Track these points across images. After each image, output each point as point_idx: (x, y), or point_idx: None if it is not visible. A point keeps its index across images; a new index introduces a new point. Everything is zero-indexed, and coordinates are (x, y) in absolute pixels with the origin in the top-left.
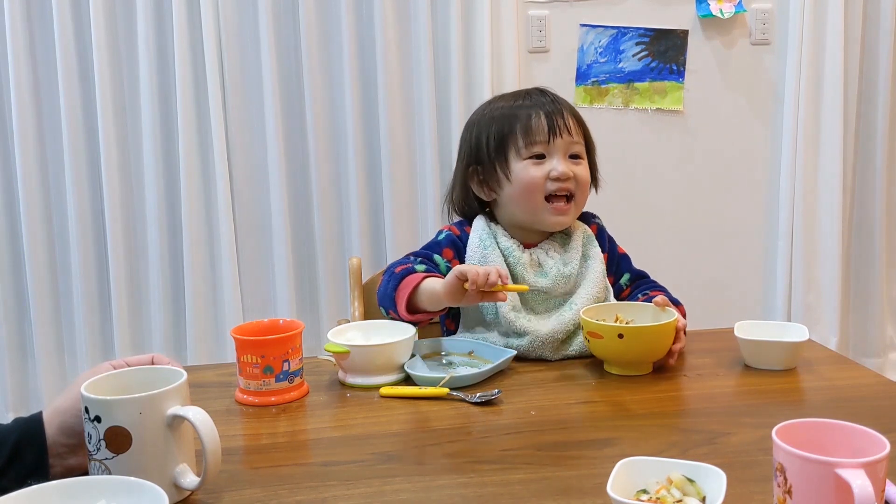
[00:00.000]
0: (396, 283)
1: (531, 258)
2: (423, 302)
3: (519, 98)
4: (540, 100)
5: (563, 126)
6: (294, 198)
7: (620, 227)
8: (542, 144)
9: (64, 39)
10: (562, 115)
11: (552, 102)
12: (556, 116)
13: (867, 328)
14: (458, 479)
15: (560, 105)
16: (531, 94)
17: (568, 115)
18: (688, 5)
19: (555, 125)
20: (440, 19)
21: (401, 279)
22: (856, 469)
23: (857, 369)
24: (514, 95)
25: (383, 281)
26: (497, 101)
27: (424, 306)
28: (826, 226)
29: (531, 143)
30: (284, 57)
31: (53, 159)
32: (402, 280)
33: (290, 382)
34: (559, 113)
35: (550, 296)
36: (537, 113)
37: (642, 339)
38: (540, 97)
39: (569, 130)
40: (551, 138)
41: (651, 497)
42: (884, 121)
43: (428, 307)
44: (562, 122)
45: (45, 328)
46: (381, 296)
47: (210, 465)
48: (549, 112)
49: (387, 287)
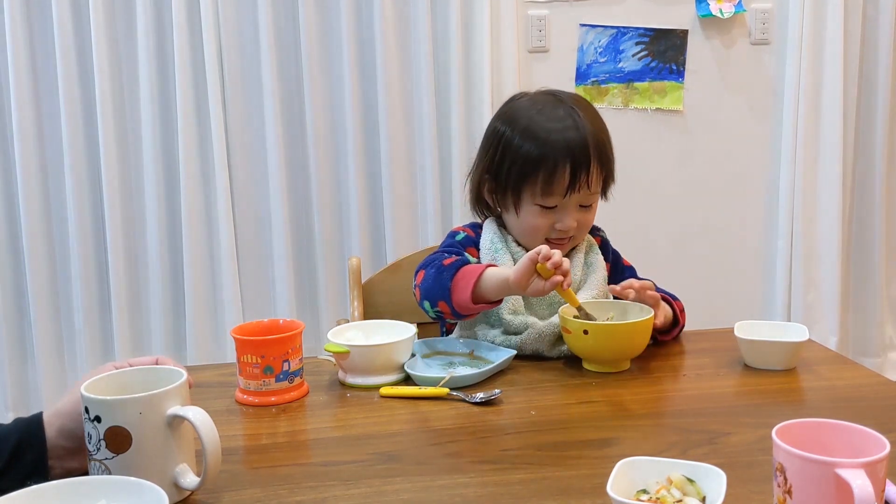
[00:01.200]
0: (452, 273)
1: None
2: (489, 290)
3: (554, 123)
4: (573, 137)
5: (585, 181)
6: (294, 198)
7: (620, 227)
8: (557, 198)
9: (64, 39)
10: (587, 167)
11: (581, 146)
12: (580, 171)
13: (867, 328)
14: (458, 479)
15: (588, 150)
16: (565, 123)
17: (594, 165)
18: (688, 5)
19: (576, 181)
20: (440, 19)
21: (457, 269)
22: (856, 469)
23: (856, 369)
24: (551, 116)
25: (429, 274)
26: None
27: (489, 295)
28: (826, 226)
29: (548, 194)
30: (284, 57)
31: (53, 159)
32: (457, 270)
33: (290, 382)
34: (585, 165)
35: (552, 299)
36: (563, 163)
37: (606, 336)
38: (573, 131)
39: (588, 184)
40: (569, 193)
41: (651, 497)
42: (884, 121)
43: (493, 296)
44: (584, 176)
45: (45, 328)
46: (430, 288)
47: (210, 465)
48: (577, 163)
49: (439, 278)
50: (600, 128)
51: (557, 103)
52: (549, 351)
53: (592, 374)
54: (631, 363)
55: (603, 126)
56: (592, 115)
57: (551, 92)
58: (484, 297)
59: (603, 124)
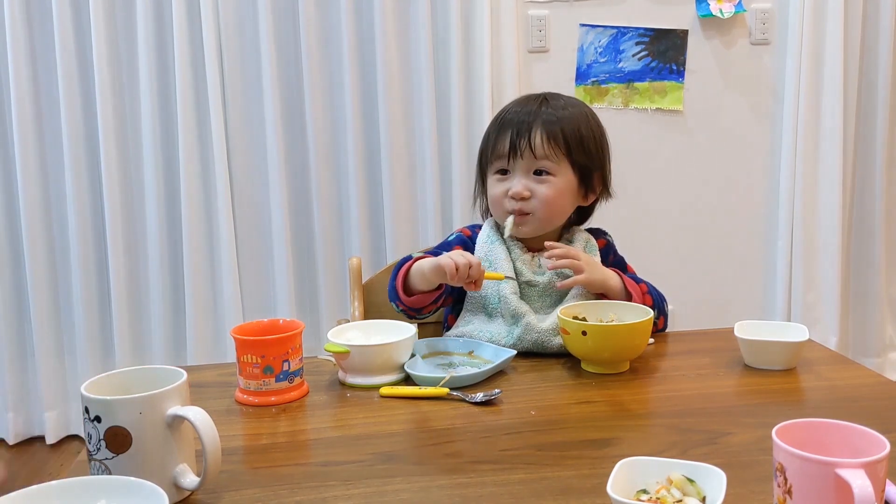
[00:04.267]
0: (395, 272)
1: (532, 258)
2: (416, 282)
3: (516, 107)
4: (527, 113)
5: (527, 145)
6: (294, 198)
7: (620, 227)
8: (503, 160)
9: (64, 39)
10: (529, 133)
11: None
12: (521, 137)
13: (867, 328)
14: (458, 479)
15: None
16: (529, 105)
17: (537, 132)
18: (688, 5)
19: (516, 146)
20: (440, 19)
21: (399, 268)
22: (856, 469)
23: (856, 369)
24: (518, 103)
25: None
26: (513, 104)
27: (417, 286)
28: (826, 225)
29: (496, 158)
30: (284, 57)
31: (53, 159)
32: (399, 269)
33: (290, 382)
34: (526, 130)
35: (546, 292)
36: (506, 130)
37: (605, 337)
38: (531, 110)
39: (532, 150)
40: (511, 158)
41: (651, 497)
42: (884, 121)
43: (420, 286)
44: (525, 141)
45: (45, 328)
46: (389, 290)
47: (210, 465)
48: (519, 127)
49: (392, 280)
50: (571, 115)
51: (539, 96)
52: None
53: (592, 374)
54: (630, 364)
55: (580, 117)
56: (571, 109)
57: (551, 93)
58: (414, 289)
59: (582, 115)
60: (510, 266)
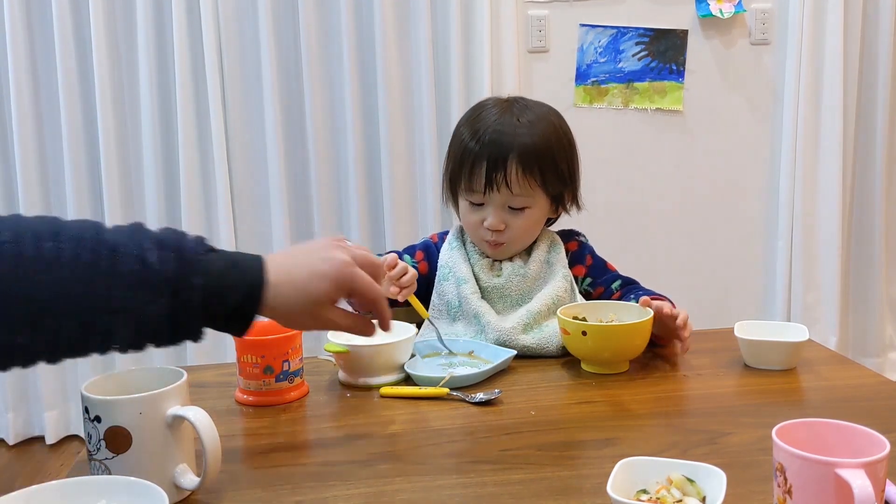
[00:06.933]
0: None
1: (491, 263)
2: None
3: (489, 122)
4: (500, 135)
5: (503, 181)
6: (294, 198)
7: (620, 227)
8: (479, 195)
9: (64, 39)
10: (504, 168)
11: (502, 147)
12: (497, 171)
13: (867, 328)
14: (458, 479)
15: (509, 152)
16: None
17: (513, 166)
18: (687, 5)
19: (493, 180)
20: (440, 19)
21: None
22: (856, 469)
23: (856, 369)
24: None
25: None
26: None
27: None
28: (826, 225)
29: (470, 190)
30: (284, 57)
31: (53, 159)
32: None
33: (290, 382)
34: (502, 165)
35: (505, 293)
36: (480, 162)
37: (604, 337)
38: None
39: (508, 185)
40: (487, 192)
41: (651, 497)
42: (884, 121)
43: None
44: (501, 177)
45: None
46: None
47: (210, 465)
48: (495, 161)
49: None
50: (544, 136)
51: (508, 107)
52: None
53: (592, 374)
54: (629, 364)
55: (552, 136)
56: (541, 125)
57: (517, 98)
58: None
59: (551, 127)
60: (469, 270)
